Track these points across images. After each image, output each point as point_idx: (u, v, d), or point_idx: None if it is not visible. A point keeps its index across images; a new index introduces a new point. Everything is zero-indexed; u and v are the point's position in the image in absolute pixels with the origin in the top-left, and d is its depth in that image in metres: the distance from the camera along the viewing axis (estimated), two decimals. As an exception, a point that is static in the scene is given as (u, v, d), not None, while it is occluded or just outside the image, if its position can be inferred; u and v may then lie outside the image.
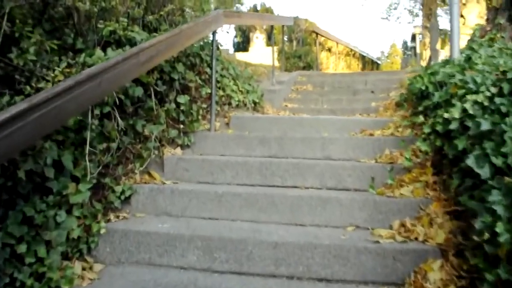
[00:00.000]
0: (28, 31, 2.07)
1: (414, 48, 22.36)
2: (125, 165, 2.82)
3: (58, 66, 2.16)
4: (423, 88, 3.23)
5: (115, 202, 2.50)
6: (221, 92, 4.09)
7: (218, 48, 4.19)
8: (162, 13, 3.24)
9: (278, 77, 6.05)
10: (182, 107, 3.39)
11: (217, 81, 4.05)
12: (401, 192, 2.65)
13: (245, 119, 3.92)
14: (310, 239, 2.25)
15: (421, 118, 2.86)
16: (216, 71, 3.76)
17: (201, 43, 4.01)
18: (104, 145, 2.50)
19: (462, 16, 11.99)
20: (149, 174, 2.96)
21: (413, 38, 34.89)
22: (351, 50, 14.28)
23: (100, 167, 2.43)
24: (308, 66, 8.07)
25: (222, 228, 2.42)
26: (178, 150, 3.30)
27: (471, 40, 4.64)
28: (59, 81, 2.06)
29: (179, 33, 2.74)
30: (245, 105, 4.55)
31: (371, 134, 3.46)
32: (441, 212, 2.47)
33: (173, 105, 3.34)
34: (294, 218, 2.57)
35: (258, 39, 14.18)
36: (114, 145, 2.59)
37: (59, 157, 2.13)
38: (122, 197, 2.57)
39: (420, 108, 3.05)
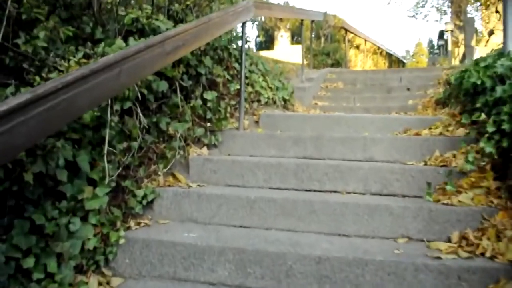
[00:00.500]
0: (38, 13, 1.82)
1: (443, 46, 21.68)
2: (148, 166, 2.56)
3: (74, 57, 1.92)
4: (478, 82, 2.86)
5: (136, 207, 2.24)
6: (249, 89, 3.81)
7: (247, 42, 3.91)
8: (188, 2, 2.98)
9: (307, 74, 5.74)
10: (209, 104, 3.12)
11: (246, 77, 3.78)
12: (460, 200, 2.31)
13: (276, 117, 3.62)
14: (359, 254, 1.93)
15: (482, 116, 2.50)
16: (245, 66, 3.48)
17: (229, 36, 3.74)
18: (125, 144, 2.25)
19: (497, 11, 11.42)
20: (173, 176, 2.70)
21: (441, 36, 33.99)
22: (379, 48, 13.82)
23: (120, 169, 2.17)
24: (336, 64, 7.71)
25: (255, 238, 2.13)
26: (205, 150, 3.03)
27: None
28: (74, 71, 1.82)
29: (208, 22, 2.47)
30: (275, 102, 4.26)
31: (418, 134, 3.12)
32: (510, 224, 2.12)
33: (200, 102, 3.07)
34: (337, 228, 2.27)
35: (282, 37, 13.84)
36: (135, 145, 2.33)
37: (74, 158, 1.89)
38: (144, 202, 2.31)
39: (478, 105, 2.69)
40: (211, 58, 3.26)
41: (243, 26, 3.42)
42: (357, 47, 10.38)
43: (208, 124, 3.09)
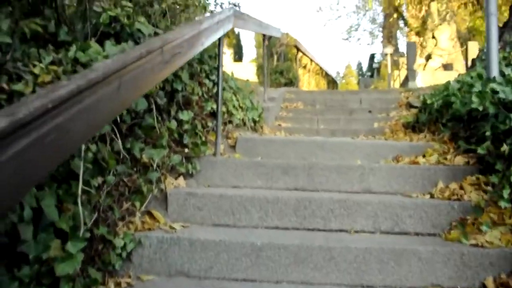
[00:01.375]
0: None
1: (377, 68, 22.75)
2: (119, 204, 2.05)
3: (40, 62, 1.40)
4: (480, 109, 2.70)
5: (116, 263, 1.72)
6: (223, 108, 3.39)
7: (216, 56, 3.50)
8: (164, 5, 2.53)
9: (268, 93, 5.43)
10: (185, 126, 2.67)
11: (217, 95, 3.37)
12: (487, 239, 2.07)
13: (255, 141, 3.23)
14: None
15: (504, 147, 2.30)
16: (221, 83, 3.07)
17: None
18: (99, 179, 1.73)
19: (433, 37, 12.09)
20: (150, 215, 2.20)
21: (372, 58, 35.80)
22: (320, 68, 14.01)
23: (96, 213, 1.65)
24: (290, 83, 7.53)
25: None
26: (181, 181, 2.56)
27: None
28: (45, 82, 1.31)
29: (199, 29, 2.05)
30: (244, 124, 3.88)
31: (415, 162, 2.89)
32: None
33: (175, 123, 2.61)
34: (359, 278, 1.91)
35: (225, 54, 13.57)
36: (111, 179, 1.82)
37: (38, 202, 1.36)
38: (124, 254, 1.80)
39: (487, 133, 2.50)
40: (187, 73, 2.81)
41: (221, 37, 3.02)
42: (304, 66, 10.36)
43: (186, 150, 2.63)
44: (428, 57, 11.55)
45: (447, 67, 11.26)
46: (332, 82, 21.17)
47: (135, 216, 2.03)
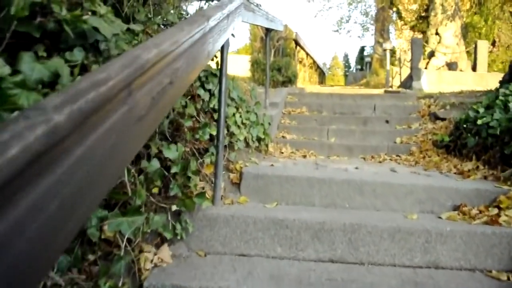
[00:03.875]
0: None
1: (369, 63, 21.96)
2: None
3: None
4: None
5: None
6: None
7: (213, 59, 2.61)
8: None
9: (270, 96, 4.55)
10: (173, 168, 1.79)
11: (214, 110, 2.49)
12: None
13: (267, 178, 2.36)
14: None
15: None
16: (225, 97, 2.18)
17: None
18: None
19: (437, 33, 11.30)
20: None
21: (361, 51, 35.08)
22: (314, 62, 13.16)
23: None
24: (288, 81, 6.65)
25: None
26: (165, 253, 1.71)
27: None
28: None
29: (205, 27, 1.17)
30: (247, 144, 3.02)
31: (494, 221, 2.07)
32: None
33: (156, 165, 1.73)
34: None
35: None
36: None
37: None
38: None
39: None
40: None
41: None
42: (301, 61, 9.48)
43: (173, 207, 1.76)
44: (431, 54, 10.77)
45: (451, 66, 10.51)
46: (321, 75, 20.46)
47: None
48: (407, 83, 9.59)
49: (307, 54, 10.21)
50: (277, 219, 1.92)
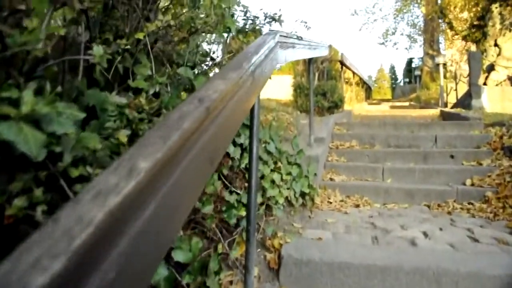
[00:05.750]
0: None
1: (419, 76, 20.86)
2: None
3: None
4: None
5: None
6: (259, 199, 2.02)
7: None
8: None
9: (315, 130, 4.02)
10: (186, 278, 1.32)
11: (247, 169, 2.01)
12: None
13: (313, 264, 1.83)
14: None
15: None
16: (257, 164, 1.69)
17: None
18: None
19: (496, 44, 10.35)
20: None
21: (409, 63, 33.74)
22: (360, 79, 12.48)
23: None
24: (335, 106, 6.10)
25: None
26: None
27: None
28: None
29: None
30: (290, 203, 2.51)
31: None
32: None
33: (163, 272, 1.27)
34: None
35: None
36: None
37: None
38: None
39: None
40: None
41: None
42: (347, 81, 8.88)
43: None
44: (491, 68, 9.83)
45: (514, 81, 9.54)
46: (368, 90, 19.63)
47: None
48: (465, 101, 8.73)
49: (354, 73, 9.59)
50: None
